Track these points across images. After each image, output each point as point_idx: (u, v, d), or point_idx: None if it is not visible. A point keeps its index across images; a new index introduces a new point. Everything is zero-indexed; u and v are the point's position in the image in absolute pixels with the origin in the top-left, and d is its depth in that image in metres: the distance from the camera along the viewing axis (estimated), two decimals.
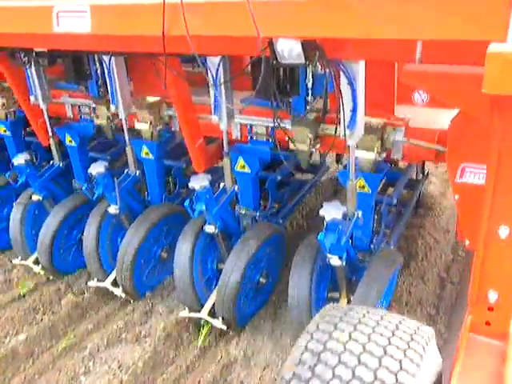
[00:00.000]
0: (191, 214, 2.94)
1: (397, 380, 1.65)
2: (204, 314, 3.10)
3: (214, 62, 2.74)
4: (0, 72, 3.71)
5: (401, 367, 1.69)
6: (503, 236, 1.95)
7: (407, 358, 1.71)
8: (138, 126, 3.44)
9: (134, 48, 2.39)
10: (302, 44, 2.00)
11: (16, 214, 3.88)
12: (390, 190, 3.57)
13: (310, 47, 2.04)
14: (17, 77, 3.76)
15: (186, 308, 3.18)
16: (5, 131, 4.27)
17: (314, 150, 2.92)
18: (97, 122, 3.66)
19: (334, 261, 2.64)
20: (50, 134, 3.85)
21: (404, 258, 3.37)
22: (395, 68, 2.98)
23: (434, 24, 1.54)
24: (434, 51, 1.94)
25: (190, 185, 2.90)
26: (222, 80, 2.79)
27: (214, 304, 3.12)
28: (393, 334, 1.80)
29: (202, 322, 3.21)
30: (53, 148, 3.93)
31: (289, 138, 2.91)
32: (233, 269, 2.97)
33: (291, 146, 2.95)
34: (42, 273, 3.84)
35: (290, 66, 2.17)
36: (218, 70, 2.75)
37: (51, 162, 4.01)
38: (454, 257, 3.98)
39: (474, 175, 2.51)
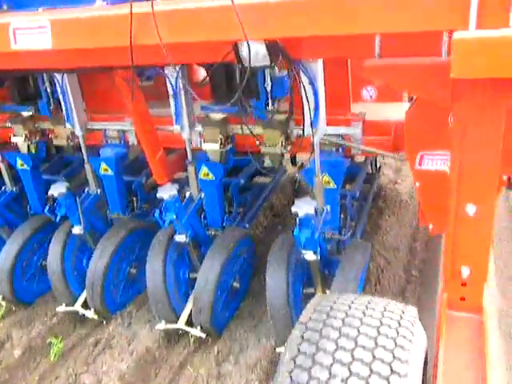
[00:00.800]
0: (161, 224, 2.92)
1: (394, 356, 1.72)
2: (181, 324, 3.08)
3: (172, 71, 2.75)
4: None
5: (395, 344, 1.76)
6: (471, 213, 2.06)
7: (400, 336, 1.78)
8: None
9: (96, 62, 2.35)
10: (267, 46, 2.05)
11: None
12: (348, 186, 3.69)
13: (273, 49, 2.10)
14: None
15: (163, 320, 3.14)
16: None
17: (285, 151, 2.97)
18: (56, 142, 3.56)
19: (309, 256, 2.70)
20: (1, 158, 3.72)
21: None
22: (348, 66, 3.11)
23: (398, 17, 1.63)
24: (391, 46, 2.04)
25: (159, 195, 2.88)
26: (182, 89, 2.80)
27: (190, 313, 3.11)
28: (383, 316, 1.88)
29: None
30: (3, 173, 3.78)
31: (259, 141, 2.95)
32: (208, 276, 2.97)
33: (263, 149, 2.99)
34: (3, 304, 3.67)
35: (255, 68, 2.21)
36: (177, 79, 2.76)
37: (3, 188, 3.85)
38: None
39: (433, 162, 2.63)
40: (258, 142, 2.97)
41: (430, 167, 2.65)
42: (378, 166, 4.54)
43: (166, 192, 2.86)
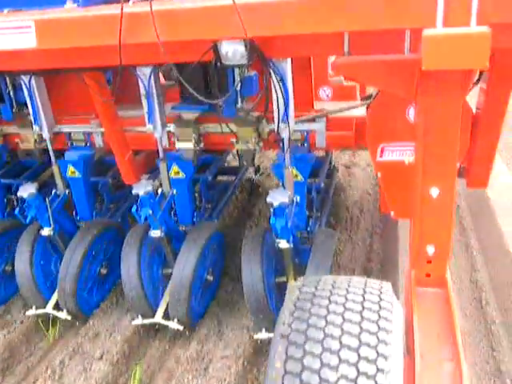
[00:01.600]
0: (138, 219, 2.98)
1: (379, 327, 1.88)
2: (158, 318, 3.13)
3: (145, 72, 2.82)
4: None
5: (379, 316, 1.92)
6: (434, 195, 2.26)
7: (383, 309, 1.94)
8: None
9: (74, 63, 2.39)
10: (245, 45, 2.17)
11: None
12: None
13: (251, 48, 2.22)
14: None
15: (139, 316, 3.18)
16: None
17: (257, 147, 3.10)
18: (22, 146, 3.51)
19: (283, 244, 2.84)
20: None
21: None
22: (311, 65, 3.28)
23: (371, 15, 1.80)
24: (357, 45, 2.22)
25: (134, 191, 2.93)
26: (155, 89, 2.88)
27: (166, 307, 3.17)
28: (364, 292, 2.04)
29: None
30: None
31: (234, 138, 3.07)
32: (183, 270, 3.05)
33: (236, 146, 3.11)
34: None
35: (233, 67, 2.33)
36: (149, 79, 2.83)
37: None
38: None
39: (393, 153, 2.84)
40: (232, 140, 3.09)
41: (390, 158, 2.87)
42: (333, 164, 4.77)
43: (142, 188, 2.92)
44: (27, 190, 3.16)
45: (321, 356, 1.82)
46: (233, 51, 2.19)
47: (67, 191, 3.51)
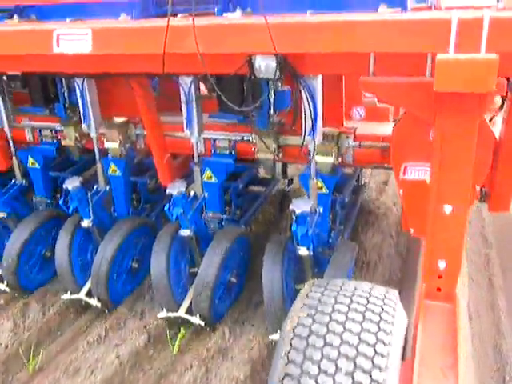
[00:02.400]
0: (170, 218, 3.19)
1: (381, 318, 2.01)
2: (182, 312, 3.32)
3: (186, 81, 3.05)
4: None
5: (381, 318, 2.05)
6: (447, 212, 2.38)
7: (385, 312, 2.07)
8: (108, 144, 3.64)
9: (125, 69, 2.65)
10: (277, 61, 2.37)
11: None
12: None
13: (282, 64, 2.42)
14: None
15: (164, 309, 3.38)
16: None
17: (277, 158, 3.29)
18: (64, 142, 3.81)
19: (303, 251, 3.00)
20: (14, 155, 3.96)
21: None
22: (343, 85, 3.45)
23: (390, 40, 1.96)
24: (383, 65, 2.38)
25: (168, 191, 3.15)
26: (194, 97, 3.11)
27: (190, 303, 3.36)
28: (370, 295, 2.17)
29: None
30: (15, 168, 4.02)
31: (254, 148, 3.27)
32: (208, 268, 3.23)
33: (257, 155, 3.31)
34: (7, 290, 3.86)
35: (265, 80, 2.53)
36: (190, 88, 3.07)
37: (13, 181, 4.09)
38: None
39: (415, 172, 2.93)
40: (253, 149, 3.29)
41: (412, 177, 2.98)
42: (362, 182, 4.90)
43: (175, 189, 3.14)
44: (72, 183, 3.43)
45: (322, 349, 1.97)
46: (265, 66, 2.40)
47: (107, 188, 3.77)
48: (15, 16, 3.18)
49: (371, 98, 4.01)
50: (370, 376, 1.89)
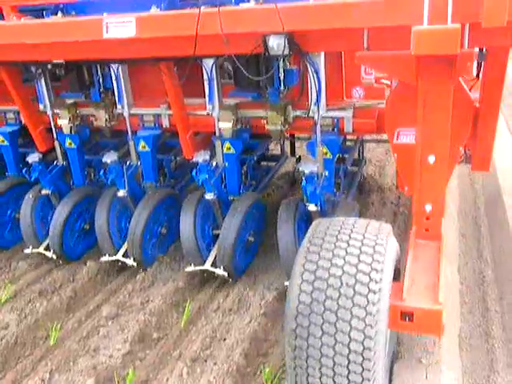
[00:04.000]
0: (197, 182, 3.69)
1: (373, 259, 2.47)
2: (207, 265, 3.82)
3: (208, 63, 3.56)
4: None
5: (374, 250, 2.51)
6: (431, 162, 2.85)
7: (378, 245, 2.51)
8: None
9: (162, 52, 3.15)
10: (288, 39, 2.86)
11: (26, 207, 4.43)
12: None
13: (290, 42, 2.90)
14: (20, 89, 4.39)
15: (192, 264, 3.88)
16: (3, 141, 4.82)
17: (284, 129, 3.78)
18: (96, 124, 4.31)
19: (312, 207, 3.48)
20: (56, 137, 4.48)
21: None
22: (342, 66, 3.94)
23: (376, 15, 2.45)
24: (375, 41, 2.85)
25: (195, 159, 3.66)
26: (215, 77, 3.61)
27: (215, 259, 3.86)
28: (365, 230, 2.62)
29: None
30: (57, 149, 4.54)
31: (266, 121, 3.76)
32: (230, 225, 3.73)
33: (267, 126, 3.79)
34: (54, 257, 4.38)
35: (276, 57, 3.02)
36: (212, 68, 3.57)
37: (55, 162, 4.61)
38: None
39: (407, 137, 3.40)
40: (264, 122, 3.78)
41: (404, 141, 3.44)
42: (364, 157, 5.38)
43: (201, 157, 3.64)
44: (110, 157, 3.95)
45: (329, 270, 2.43)
46: (277, 44, 2.88)
47: (138, 163, 4.28)
48: (59, 12, 3.71)
49: (369, 79, 4.50)
50: (367, 297, 2.35)
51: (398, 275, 2.73)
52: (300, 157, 5.88)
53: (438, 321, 2.45)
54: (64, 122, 4.33)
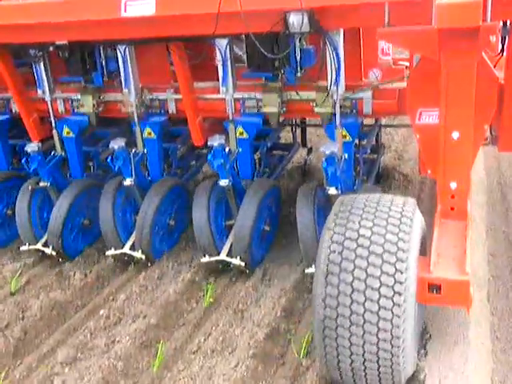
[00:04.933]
0: (212, 166, 4.13)
1: (400, 229, 2.91)
2: (223, 255, 4.25)
3: (222, 43, 4.01)
4: None
5: (401, 222, 2.95)
6: (455, 138, 3.30)
7: (404, 217, 2.96)
8: None
9: (177, 31, 3.61)
10: (308, 16, 3.31)
11: (22, 201, 4.84)
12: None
13: (310, 19, 3.36)
14: (14, 74, 4.82)
15: (206, 255, 4.31)
16: None
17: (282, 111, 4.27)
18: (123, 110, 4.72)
19: (332, 190, 3.93)
20: (54, 125, 4.91)
21: None
22: (361, 43, 4.40)
23: None
24: (395, 17, 3.31)
25: (209, 143, 4.10)
26: (229, 58, 4.07)
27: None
28: (391, 203, 3.07)
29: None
30: (55, 139, 4.97)
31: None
32: (246, 212, 4.17)
33: (264, 109, 4.29)
34: (53, 254, 4.78)
35: (297, 35, 3.48)
36: (226, 49, 4.03)
37: (52, 153, 5.03)
38: None
39: (429, 117, 3.83)
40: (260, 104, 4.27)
41: (427, 121, 3.88)
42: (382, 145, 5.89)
43: (216, 141, 4.09)
44: (118, 143, 4.38)
45: (355, 250, 2.84)
46: (297, 21, 3.34)
47: (145, 150, 4.73)
48: None
49: (386, 60, 4.97)
50: (395, 266, 2.81)
51: (424, 251, 3.17)
52: (311, 147, 6.36)
53: (465, 292, 2.89)
54: (87, 110, 4.76)
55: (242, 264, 4.21)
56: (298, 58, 4.05)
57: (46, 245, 4.81)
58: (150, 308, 4.09)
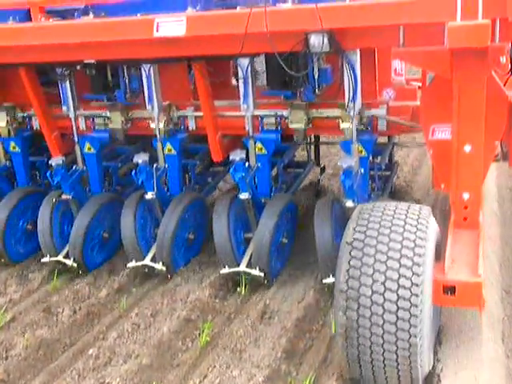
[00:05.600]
0: (234, 178, 4.51)
1: (416, 236, 3.26)
2: (243, 267, 4.59)
3: (244, 62, 4.43)
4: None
5: (417, 228, 3.30)
6: (467, 151, 3.68)
7: (420, 224, 3.31)
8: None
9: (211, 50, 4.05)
10: (329, 36, 3.72)
11: (45, 213, 5.21)
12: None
13: (331, 39, 3.77)
14: (39, 92, 5.26)
15: (226, 266, 4.65)
16: (14, 148, 5.66)
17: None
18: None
19: (349, 203, 4.29)
20: (77, 141, 5.32)
21: None
22: (375, 63, 4.81)
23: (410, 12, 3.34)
24: (410, 38, 3.71)
25: (231, 157, 4.49)
26: (250, 76, 4.48)
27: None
28: (407, 211, 3.42)
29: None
30: (78, 153, 5.37)
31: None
32: (266, 225, 4.53)
33: (290, 125, 4.68)
34: (74, 265, 5.12)
35: (316, 55, 3.89)
36: (247, 68, 4.44)
37: (74, 167, 5.42)
38: None
39: (442, 133, 4.20)
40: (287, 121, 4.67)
41: (440, 137, 4.25)
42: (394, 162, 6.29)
43: (238, 155, 4.47)
44: (142, 158, 4.77)
45: (375, 255, 3.19)
46: (318, 41, 3.74)
47: (166, 165, 5.11)
48: (90, 13, 4.59)
49: (399, 80, 5.38)
50: (412, 269, 3.15)
51: (438, 257, 3.51)
52: (324, 167, 6.76)
53: (478, 293, 3.23)
54: (116, 126, 5.18)
55: (262, 274, 4.55)
56: (316, 76, 4.46)
57: (67, 256, 5.16)
58: (142, 347, 4.08)
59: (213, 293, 4.65)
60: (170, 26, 3.71)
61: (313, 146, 6.38)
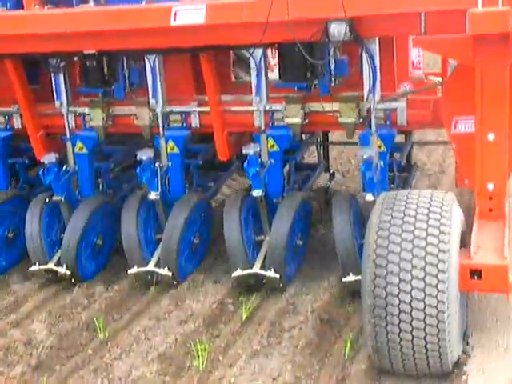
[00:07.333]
0: (248, 174, 5.25)
1: (440, 223, 4.01)
2: (256, 268, 5.30)
3: (257, 53, 5.21)
4: None
5: (441, 215, 4.06)
6: (491, 139, 4.44)
7: (444, 211, 4.06)
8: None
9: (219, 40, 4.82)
10: (347, 25, 4.51)
11: (33, 217, 5.82)
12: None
13: (351, 28, 4.56)
14: (25, 87, 5.95)
15: (238, 269, 5.36)
16: None
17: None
18: (137, 123, 5.83)
19: (369, 197, 5.06)
20: (69, 139, 6.01)
21: None
22: (394, 56, 5.62)
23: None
24: (430, 26, 4.51)
25: (245, 151, 5.23)
26: (263, 68, 5.26)
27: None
28: (431, 197, 4.18)
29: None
30: (69, 153, 6.03)
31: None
32: (281, 224, 5.25)
33: (286, 120, 5.46)
34: (68, 273, 5.71)
35: (336, 44, 4.69)
36: (261, 59, 5.22)
37: (64, 167, 6.07)
38: None
39: (465, 125, 4.93)
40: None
41: (463, 130, 5.00)
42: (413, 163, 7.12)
43: (251, 149, 5.22)
44: (146, 154, 5.48)
45: (401, 244, 3.90)
46: (338, 30, 4.53)
47: (169, 164, 5.83)
48: (91, 1, 5.36)
49: (417, 74, 6.19)
50: (437, 256, 3.91)
51: (464, 245, 4.27)
52: (334, 172, 7.57)
53: (504, 277, 3.95)
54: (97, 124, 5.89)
55: (277, 276, 5.26)
56: (333, 67, 5.25)
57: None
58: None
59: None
60: (189, 13, 4.48)
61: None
